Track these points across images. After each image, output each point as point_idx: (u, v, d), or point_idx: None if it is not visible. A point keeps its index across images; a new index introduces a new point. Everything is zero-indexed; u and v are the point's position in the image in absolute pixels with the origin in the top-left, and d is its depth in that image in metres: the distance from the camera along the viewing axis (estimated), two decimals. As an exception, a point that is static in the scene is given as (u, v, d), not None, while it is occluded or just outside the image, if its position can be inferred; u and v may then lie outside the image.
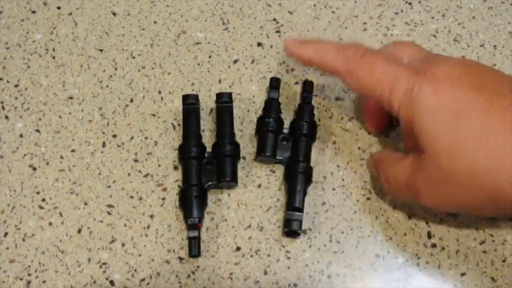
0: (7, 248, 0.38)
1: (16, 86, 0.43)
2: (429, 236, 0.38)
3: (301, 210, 0.38)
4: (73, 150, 0.41)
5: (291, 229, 0.37)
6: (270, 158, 0.40)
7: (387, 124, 0.41)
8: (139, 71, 0.44)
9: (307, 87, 0.41)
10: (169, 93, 0.43)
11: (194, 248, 0.37)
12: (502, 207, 0.33)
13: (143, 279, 0.37)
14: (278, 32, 0.45)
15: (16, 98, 0.43)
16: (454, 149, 0.31)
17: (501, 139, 0.30)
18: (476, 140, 0.30)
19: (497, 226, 0.38)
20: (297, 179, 0.38)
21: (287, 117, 0.41)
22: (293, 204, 0.38)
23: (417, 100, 0.32)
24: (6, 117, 0.42)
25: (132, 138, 0.41)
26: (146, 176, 0.40)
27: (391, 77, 0.33)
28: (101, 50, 0.45)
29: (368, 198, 0.40)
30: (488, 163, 0.30)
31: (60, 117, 0.42)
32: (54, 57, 0.44)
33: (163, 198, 0.40)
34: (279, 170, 0.40)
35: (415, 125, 0.32)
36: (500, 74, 0.34)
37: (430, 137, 0.32)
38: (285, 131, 0.40)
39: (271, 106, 0.41)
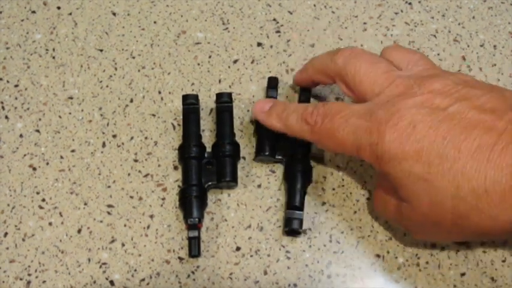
0: (7, 248, 0.38)
1: (16, 86, 0.43)
2: (429, 236, 0.38)
3: (301, 209, 0.38)
4: (73, 150, 0.41)
5: (292, 228, 0.37)
6: (269, 158, 0.40)
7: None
8: (139, 71, 0.44)
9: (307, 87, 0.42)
10: (169, 93, 0.43)
11: (194, 248, 0.37)
12: (494, 237, 0.34)
13: (143, 279, 0.37)
14: (278, 32, 0.45)
15: (16, 98, 0.43)
16: (432, 199, 0.31)
17: (475, 183, 0.29)
18: (451, 189, 0.30)
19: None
20: (297, 178, 0.38)
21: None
22: (293, 203, 0.38)
23: (384, 154, 0.32)
24: (6, 117, 0.42)
25: (132, 138, 0.41)
26: (146, 176, 0.40)
27: (353, 138, 0.33)
28: (101, 50, 0.45)
29: (368, 198, 0.40)
30: (468, 208, 0.30)
31: (60, 117, 0.42)
32: (54, 57, 0.44)
33: (163, 198, 0.40)
34: (279, 170, 0.40)
35: (389, 179, 0.32)
36: (473, 100, 0.32)
37: (407, 190, 0.32)
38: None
39: (271, 106, 0.41)
